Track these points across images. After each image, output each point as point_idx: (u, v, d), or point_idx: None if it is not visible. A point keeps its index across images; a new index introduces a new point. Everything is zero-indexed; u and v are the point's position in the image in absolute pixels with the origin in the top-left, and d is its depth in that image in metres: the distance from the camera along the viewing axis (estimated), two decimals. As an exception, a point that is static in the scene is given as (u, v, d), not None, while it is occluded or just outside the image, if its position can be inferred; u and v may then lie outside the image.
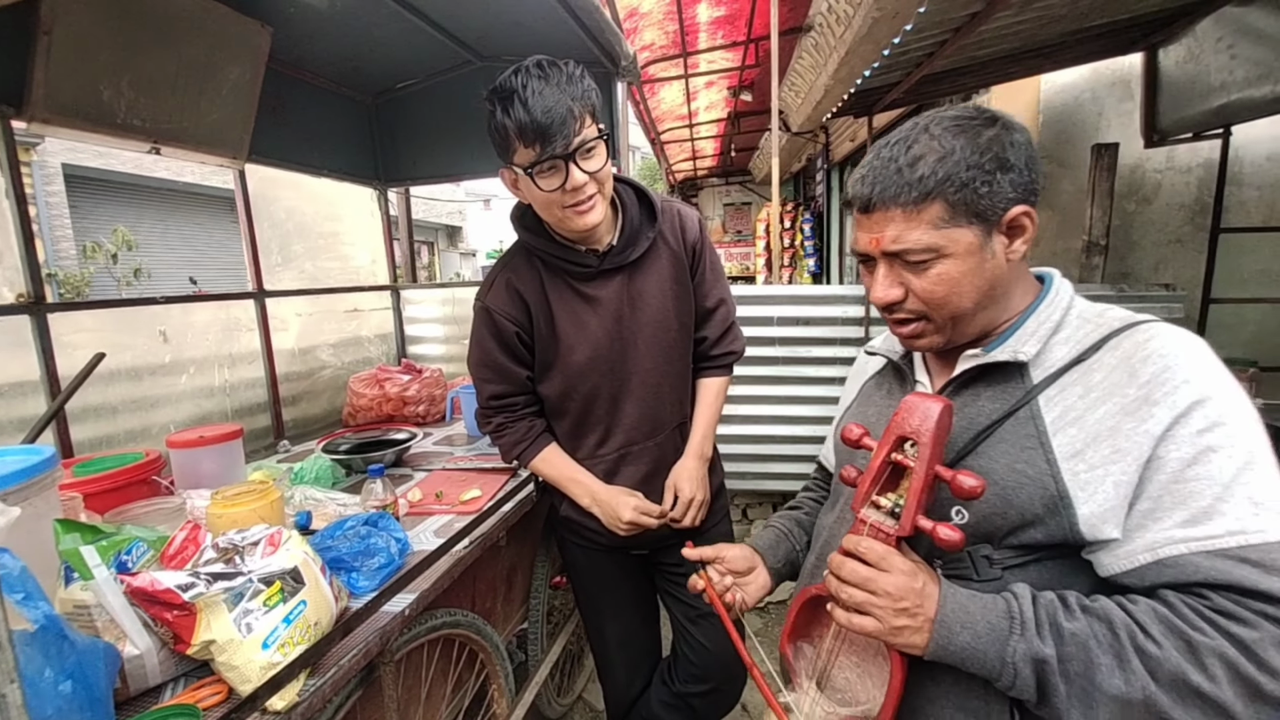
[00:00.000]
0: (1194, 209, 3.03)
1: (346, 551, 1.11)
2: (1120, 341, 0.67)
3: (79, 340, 1.60)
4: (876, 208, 0.70)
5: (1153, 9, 2.36)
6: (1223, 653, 0.55)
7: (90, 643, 0.71)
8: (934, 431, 0.65)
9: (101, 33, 1.47)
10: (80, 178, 8.95)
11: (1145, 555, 0.61)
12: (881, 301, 0.74)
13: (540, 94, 1.03)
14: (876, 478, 0.70)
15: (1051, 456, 0.65)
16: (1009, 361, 0.70)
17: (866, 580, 0.66)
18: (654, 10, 4.12)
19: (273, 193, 2.31)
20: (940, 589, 0.66)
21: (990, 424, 0.70)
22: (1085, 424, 0.65)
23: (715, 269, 1.39)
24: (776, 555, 0.98)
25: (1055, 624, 0.61)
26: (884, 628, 0.65)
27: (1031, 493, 0.65)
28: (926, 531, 0.64)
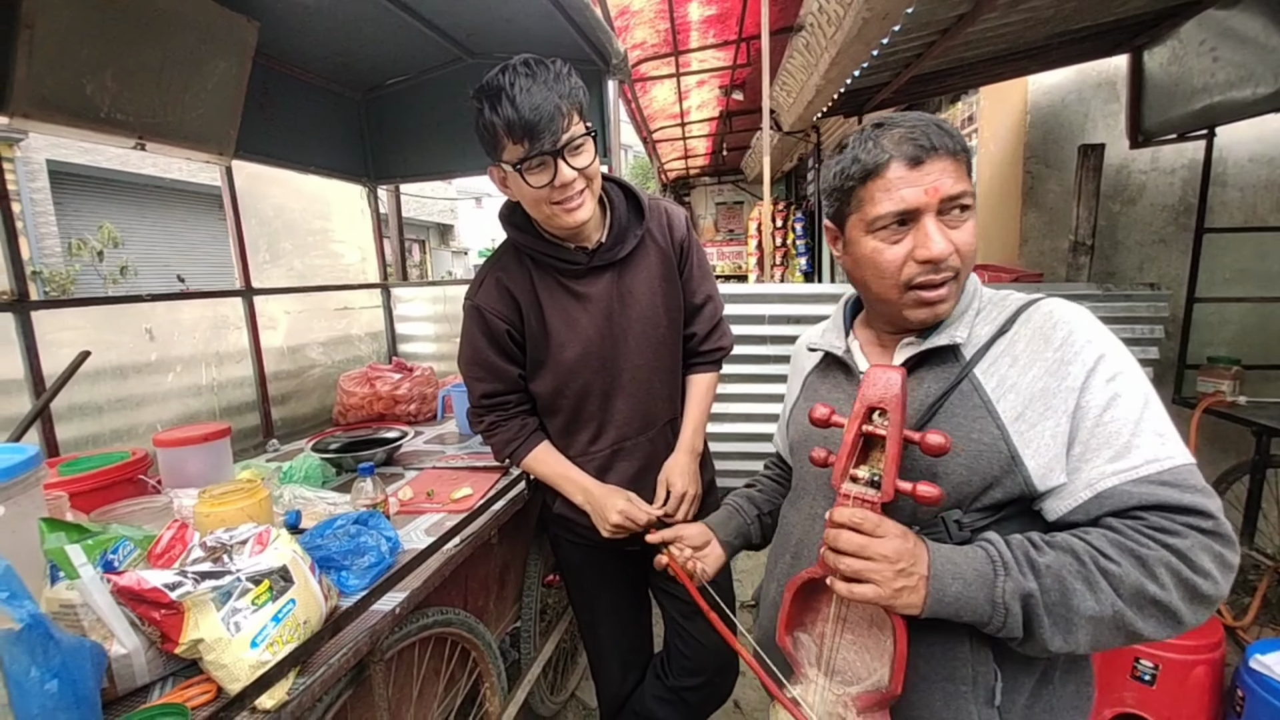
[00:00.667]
0: (1178, 209, 3.07)
1: (336, 550, 1.10)
2: (1029, 315, 0.78)
3: (64, 338, 1.58)
4: (930, 157, 0.74)
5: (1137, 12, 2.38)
6: (1167, 561, 0.64)
7: (77, 642, 0.71)
8: (899, 396, 0.71)
9: (85, 26, 1.45)
10: (65, 174, 8.83)
11: (1085, 492, 0.69)
12: (943, 255, 0.74)
13: (528, 91, 1.03)
14: (852, 451, 0.74)
15: (1000, 422, 0.73)
16: (945, 345, 0.79)
17: (863, 547, 0.69)
18: (645, 8, 4.12)
19: (261, 189, 2.30)
20: (927, 547, 0.71)
21: (938, 398, 0.78)
22: (1020, 388, 0.73)
23: (702, 266, 1.39)
24: (728, 529, 1.09)
25: (1030, 560, 0.68)
26: (885, 592, 0.68)
27: (990, 458, 0.72)
28: (907, 493, 0.69)
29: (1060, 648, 0.66)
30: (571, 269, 1.24)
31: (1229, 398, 2.41)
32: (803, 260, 7.87)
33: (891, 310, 0.82)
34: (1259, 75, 2.26)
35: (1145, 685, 1.77)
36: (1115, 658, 1.82)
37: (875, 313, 0.89)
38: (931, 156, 0.74)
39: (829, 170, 0.83)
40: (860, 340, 0.92)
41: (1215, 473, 2.52)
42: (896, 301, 0.79)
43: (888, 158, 0.75)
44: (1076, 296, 2.50)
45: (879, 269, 0.78)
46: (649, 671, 1.54)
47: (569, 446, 1.35)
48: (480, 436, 1.39)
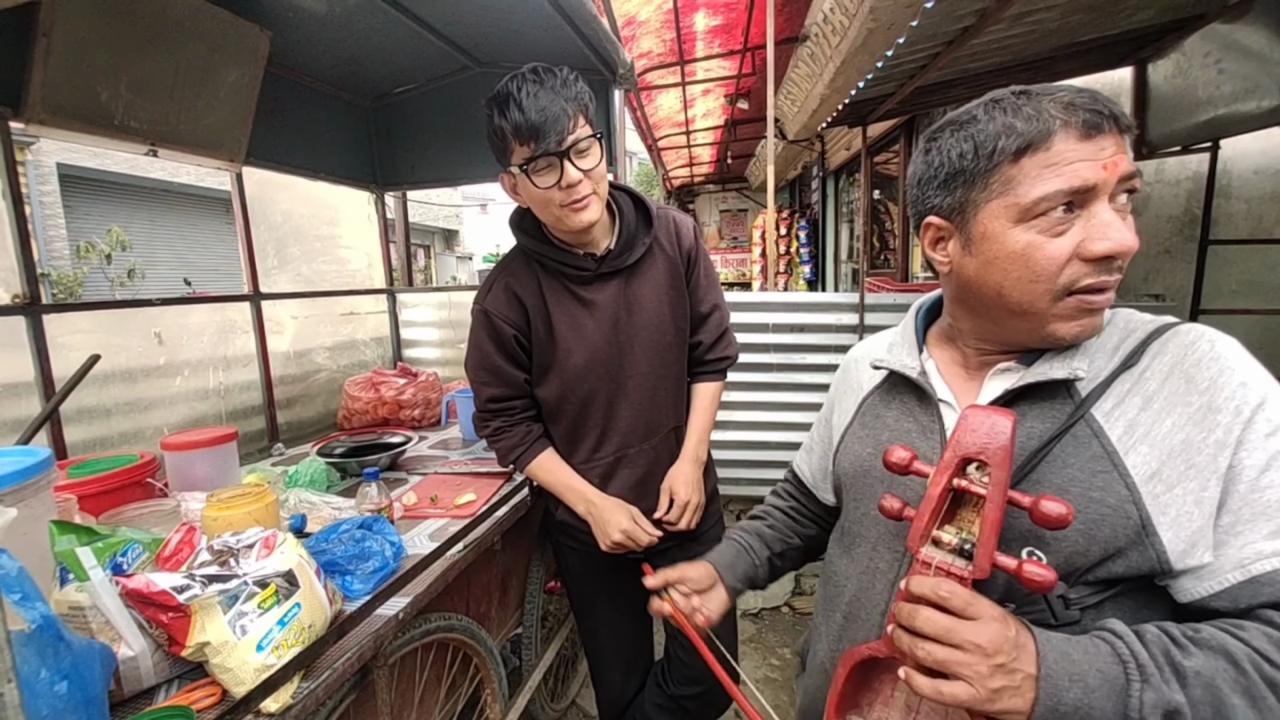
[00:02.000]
0: (1183, 221, 3.07)
1: (341, 555, 1.11)
2: (1163, 345, 0.63)
3: (74, 341, 1.59)
4: (1107, 128, 0.59)
5: (1142, 24, 2.39)
6: None
7: (86, 644, 0.71)
8: (1007, 449, 0.56)
9: (100, 35, 1.47)
10: (75, 177, 8.92)
11: (1236, 574, 0.55)
12: (1127, 247, 0.59)
13: (535, 96, 1.07)
14: (938, 509, 0.59)
15: (1130, 480, 0.58)
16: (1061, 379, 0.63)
17: (950, 632, 0.54)
18: (652, 18, 4.15)
19: (269, 195, 2.32)
20: (1035, 637, 0.55)
21: (1045, 444, 0.62)
22: (1155, 439, 0.59)
23: (709, 275, 1.40)
24: (735, 573, 0.95)
25: (1174, 664, 0.53)
26: (980, 693, 0.52)
27: (1115, 524, 0.58)
28: (1010, 571, 0.54)
29: None
30: (579, 275, 1.26)
31: (1234, 410, 2.40)
32: (806, 268, 7.88)
33: (1032, 326, 0.64)
34: (1264, 88, 2.26)
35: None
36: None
37: (986, 330, 0.70)
38: (1110, 126, 0.59)
39: (945, 149, 0.66)
40: (937, 360, 0.77)
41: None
42: (1045, 312, 0.62)
43: (1057, 125, 0.59)
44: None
45: (1032, 269, 0.61)
46: (649, 679, 1.54)
47: (573, 453, 1.36)
48: (486, 441, 1.39)
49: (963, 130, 0.65)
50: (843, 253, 7.37)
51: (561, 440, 1.37)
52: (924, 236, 0.72)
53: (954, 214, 0.67)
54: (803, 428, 3.01)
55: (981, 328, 0.71)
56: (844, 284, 7.23)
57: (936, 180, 0.68)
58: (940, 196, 0.68)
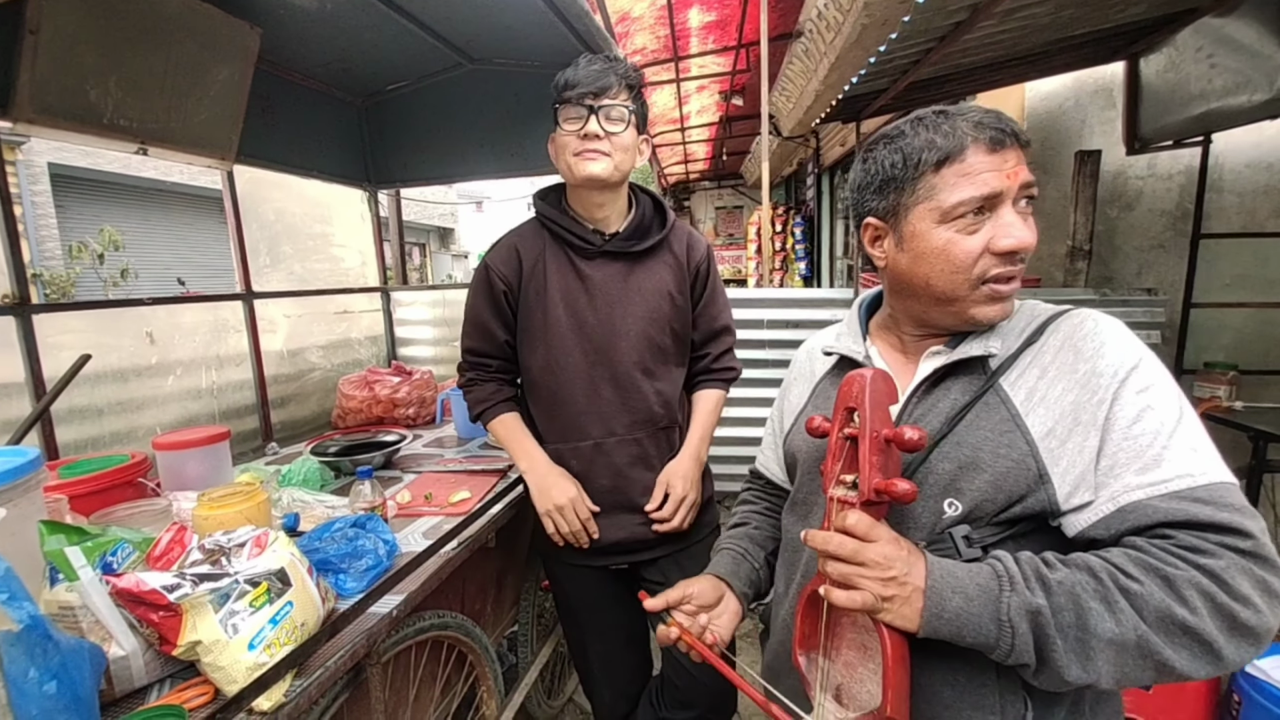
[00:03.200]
0: (1175, 215, 3.08)
1: (334, 553, 1.11)
2: (1058, 326, 0.74)
3: (65, 341, 1.59)
4: (1009, 144, 0.71)
5: (1134, 19, 2.40)
6: (1197, 583, 0.58)
7: (75, 643, 0.71)
8: (870, 394, 0.68)
9: (89, 32, 1.46)
10: (66, 177, 8.85)
11: (1108, 505, 0.64)
12: (1026, 244, 0.71)
13: (593, 63, 1.24)
14: (837, 454, 0.71)
15: (1030, 437, 0.69)
16: (977, 356, 0.75)
17: (853, 552, 0.65)
18: (645, 15, 4.15)
19: (262, 194, 2.31)
20: (926, 558, 0.67)
21: (960, 409, 0.74)
22: (1049, 402, 0.69)
23: (723, 296, 1.47)
24: (740, 578, 0.96)
25: (1041, 576, 0.63)
26: (874, 599, 0.64)
27: (1018, 475, 0.68)
28: (882, 489, 0.65)
29: (1079, 678, 0.60)
30: (584, 248, 1.30)
31: (1226, 403, 2.42)
32: (802, 265, 7.89)
33: (954, 310, 0.76)
34: (1255, 82, 2.27)
35: (1140, 689, 1.77)
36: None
37: (918, 315, 0.81)
38: (1010, 142, 0.71)
39: (880, 160, 0.77)
40: (879, 346, 0.87)
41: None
42: (965, 298, 0.74)
43: (969, 141, 0.70)
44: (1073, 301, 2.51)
45: (952, 262, 0.72)
46: (644, 697, 1.51)
47: (551, 431, 1.37)
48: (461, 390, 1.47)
49: (893, 143, 0.76)
50: (838, 249, 7.38)
51: (542, 416, 1.38)
52: (864, 235, 0.83)
53: (888, 215, 0.78)
54: (798, 424, 3.02)
55: (914, 314, 0.82)
56: (839, 280, 7.24)
57: (873, 186, 0.79)
58: (876, 200, 0.79)
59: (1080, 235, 2.96)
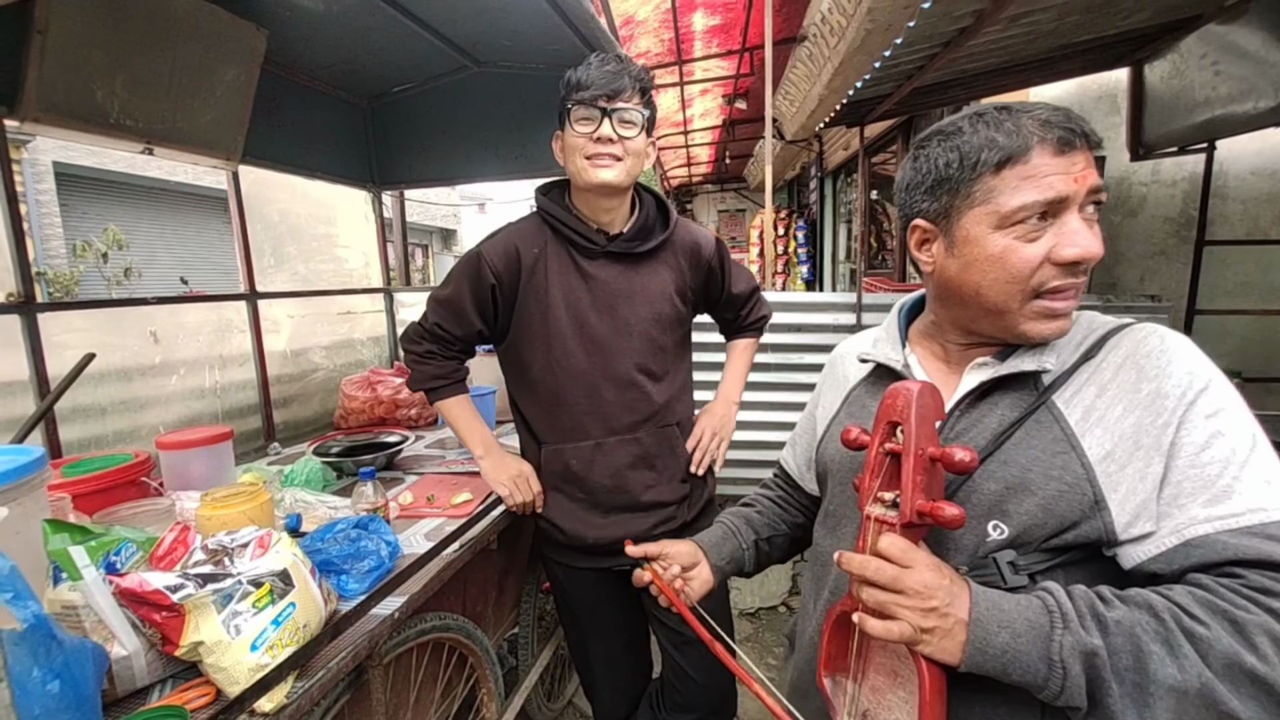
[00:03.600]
0: (1179, 221, 3.08)
1: (336, 554, 1.11)
2: (1119, 341, 0.69)
3: (69, 340, 1.59)
4: (1079, 145, 0.65)
5: (1139, 25, 2.40)
6: (1269, 628, 0.54)
7: (79, 643, 0.71)
8: (916, 409, 0.63)
9: (96, 33, 1.47)
10: (71, 176, 8.88)
11: (1171, 538, 0.59)
12: (1092, 254, 0.65)
13: (606, 63, 1.21)
14: (876, 470, 0.67)
15: (1086, 460, 0.64)
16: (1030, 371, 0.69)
17: (892, 579, 0.61)
18: (650, 18, 4.16)
19: (267, 194, 2.31)
20: (970, 588, 0.62)
21: (1010, 426, 0.68)
22: (1108, 422, 0.64)
23: (740, 267, 1.50)
24: (721, 553, 0.97)
25: (1097, 614, 0.58)
26: (913, 630, 0.60)
27: (1071, 499, 0.63)
28: (926, 512, 0.61)
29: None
30: (587, 248, 1.28)
31: (1230, 410, 2.40)
32: (804, 268, 7.89)
33: (1004, 323, 0.70)
34: (1260, 89, 2.27)
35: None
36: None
37: (964, 324, 0.76)
38: (1080, 143, 0.65)
39: (933, 158, 0.71)
40: (919, 354, 0.82)
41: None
42: (1016, 312, 0.68)
43: (1035, 140, 0.64)
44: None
45: (1007, 271, 0.67)
46: (644, 700, 1.50)
47: (551, 431, 1.34)
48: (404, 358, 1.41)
49: (949, 141, 0.70)
50: (840, 253, 7.38)
51: (541, 416, 1.35)
52: (910, 238, 0.77)
53: (939, 218, 0.72)
54: (800, 428, 3.01)
55: (960, 323, 0.76)
56: (842, 284, 7.24)
57: (924, 186, 0.73)
58: (927, 201, 0.73)
59: (1084, 241, 2.95)
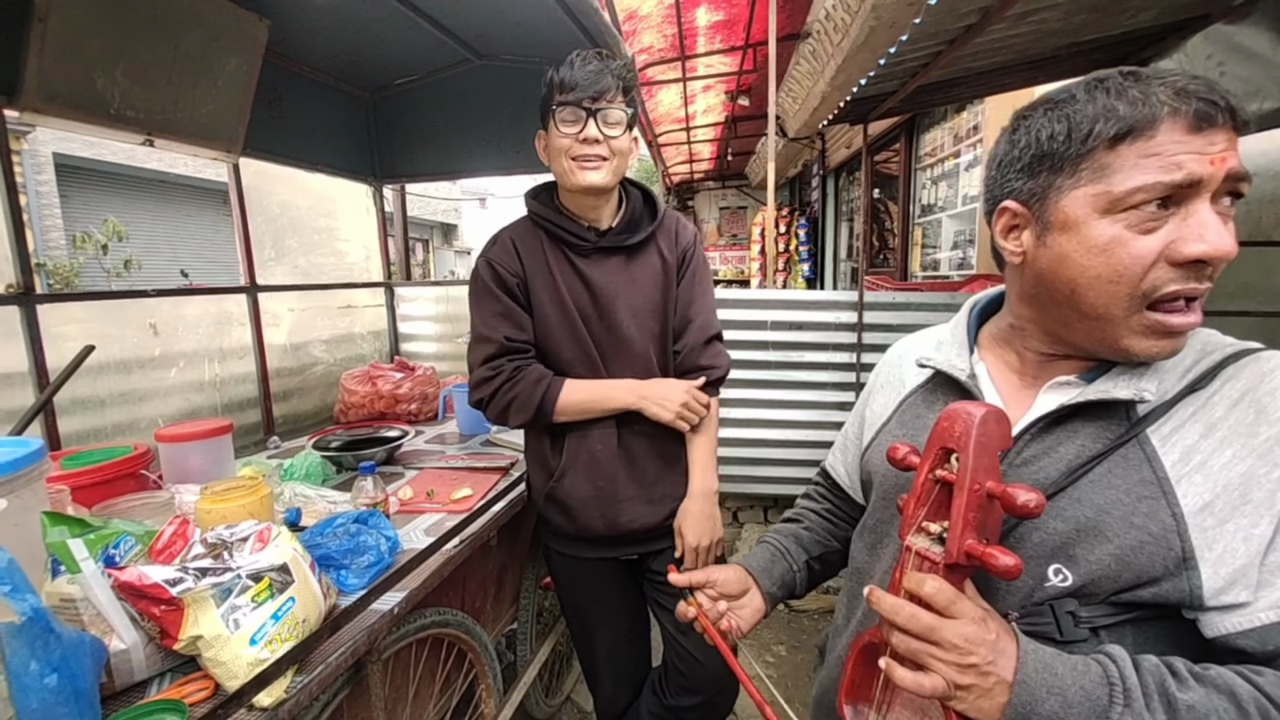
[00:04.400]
0: (1182, 222, 3.07)
1: (336, 549, 1.10)
2: (1239, 370, 0.58)
3: (68, 332, 1.58)
4: (1221, 121, 0.53)
5: (1145, 25, 2.39)
6: None
7: (77, 636, 0.71)
8: (977, 438, 0.55)
9: (96, 22, 1.46)
10: (71, 167, 8.86)
11: (1269, 614, 0.52)
12: (1225, 251, 0.54)
13: (588, 62, 1.20)
14: (922, 498, 0.60)
15: (1178, 510, 0.55)
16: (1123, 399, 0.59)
17: (928, 629, 0.54)
18: (653, 13, 4.14)
19: (267, 187, 2.30)
20: (1018, 645, 0.54)
21: (1091, 459, 0.59)
22: (1211, 470, 0.55)
23: (702, 283, 1.38)
24: (771, 577, 0.89)
25: (1166, 693, 0.50)
26: (947, 687, 0.53)
27: (1154, 553, 0.55)
28: (977, 556, 0.54)
29: None
30: (580, 245, 1.29)
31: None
32: (805, 266, 7.87)
33: (1102, 334, 0.59)
34: (1266, 90, 2.26)
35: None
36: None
37: (1052, 330, 0.65)
38: (1224, 120, 0.53)
39: (1035, 129, 0.60)
40: (989, 364, 0.72)
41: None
42: (1120, 321, 0.57)
43: (1164, 112, 0.53)
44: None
45: (1115, 266, 0.55)
46: (646, 687, 1.51)
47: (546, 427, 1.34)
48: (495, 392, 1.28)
49: (1058, 110, 0.59)
50: (842, 251, 7.37)
51: None
52: (996, 223, 0.66)
53: (1034, 200, 0.61)
54: (801, 425, 3.01)
55: (1047, 328, 0.65)
56: (843, 282, 7.23)
57: (1021, 162, 0.62)
58: (1021, 180, 0.62)
59: (1086, 241, 2.95)
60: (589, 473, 1.32)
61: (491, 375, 1.26)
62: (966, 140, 4.19)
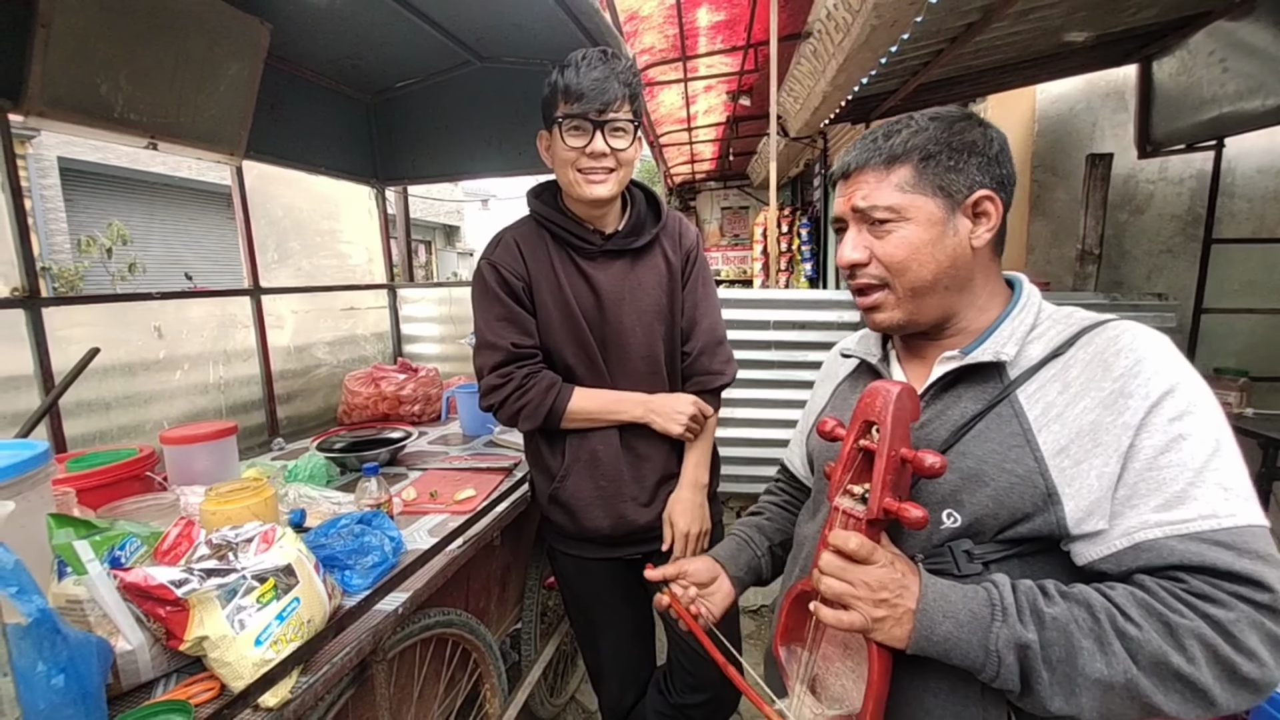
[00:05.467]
0: (1186, 219, 3.06)
1: (340, 549, 1.11)
2: (1091, 338, 0.70)
3: (73, 335, 1.59)
4: (853, 172, 0.77)
5: (1147, 22, 2.38)
6: (1200, 634, 0.57)
7: (83, 637, 0.71)
8: (893, 411, 0.66)
9: (100, 26, 1.46)
10: (76, 171, 8.90)
11: (1121, 540, 0.62)
12: (845, 262, 0.77)
13: (593, 66, 1.17)
14: (847, 465, 0.71)
15: (1039, 454, 0.66)
16: (989, 362, 0.72)
17: (844, 570, 0.66)
18: (654, 14, 4.14)
19: (270, 189, 2.31)
20: (920, 579, 0.66)
21: (970, 419, 0.71)
22: (1067, 420, 0.66)
23: (707, 285, 1.40)
24: (738, 564, 0.99)
25: (1036, 610, 0.62)
26: (864, 620, 0.65)
27: (1023, 492, 0.66)
28: (893, 511, 0.65)
29: (1061, 709, 0.60)
30: (585, 248, 1.29)
31: (1236, 410, 2.39)
32: (808, 266, 7.86)
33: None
34: (1269, 86, 2.25)
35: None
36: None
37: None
38: (855, 171, 0.76)
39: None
40: (900, 350, 0.87)
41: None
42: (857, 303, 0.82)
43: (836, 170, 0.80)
44: (1082, 305, 2.50)
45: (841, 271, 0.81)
46: (651, 686, 1.51)
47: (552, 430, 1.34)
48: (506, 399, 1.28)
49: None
50: (843, 250, 7.34)
51: None
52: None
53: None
54: (803, 425, 3.00)
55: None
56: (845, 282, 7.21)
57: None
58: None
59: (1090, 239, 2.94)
60: (591, 473, 1.32)
61: (501, 383, 1.27)
62: (968, 138, 4.18)
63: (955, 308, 0.77)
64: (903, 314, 0.77)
